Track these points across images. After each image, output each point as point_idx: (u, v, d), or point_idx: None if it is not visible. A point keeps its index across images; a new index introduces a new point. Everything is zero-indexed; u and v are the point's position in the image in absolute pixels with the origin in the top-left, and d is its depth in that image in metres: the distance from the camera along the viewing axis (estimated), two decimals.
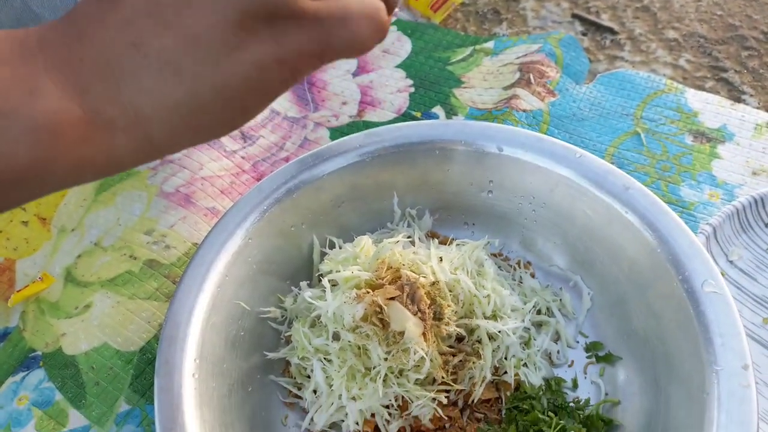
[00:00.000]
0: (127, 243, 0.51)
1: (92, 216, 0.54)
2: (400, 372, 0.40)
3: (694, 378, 0.36)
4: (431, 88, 0.63)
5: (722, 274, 0.47)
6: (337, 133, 0.60)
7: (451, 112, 0.61)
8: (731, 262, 0.47)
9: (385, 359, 0.39)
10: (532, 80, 0.61)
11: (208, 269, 0.42)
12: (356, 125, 0.60)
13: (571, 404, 0.41)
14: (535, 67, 0.62)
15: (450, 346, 0.42)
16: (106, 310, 0.47)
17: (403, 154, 0.48)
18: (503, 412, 0.42)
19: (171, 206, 0.54)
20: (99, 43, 0.26)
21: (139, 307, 0.48)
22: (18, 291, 0.48)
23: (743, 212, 0.48)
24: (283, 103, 0.63)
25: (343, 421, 0.41)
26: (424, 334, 0.39)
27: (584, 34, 0.70)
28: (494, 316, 0.43)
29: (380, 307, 0.39)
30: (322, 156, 0.48)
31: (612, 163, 0.55)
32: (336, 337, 0.41)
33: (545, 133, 0.58)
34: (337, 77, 0.65)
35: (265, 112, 0.62)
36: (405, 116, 0.61)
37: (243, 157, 0.58)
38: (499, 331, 0.42)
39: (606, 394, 0.42)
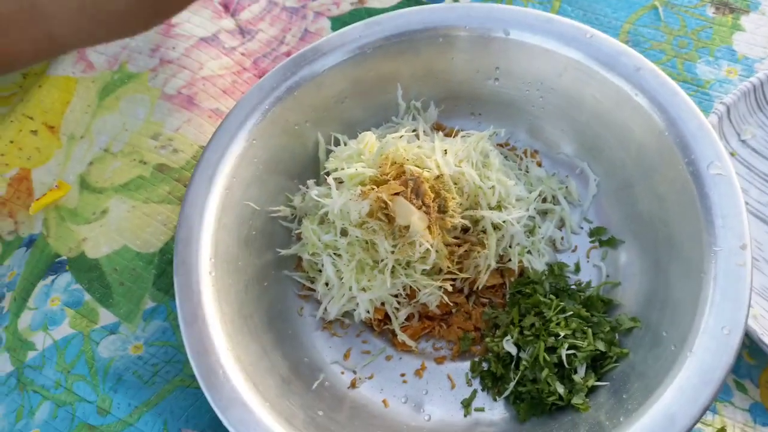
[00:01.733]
0: (135, 148, 0.52)
1: (99, 122, 0.54)
2: (407, 263, 0.42)
3: (693, 258, 0.37)
4: None
5: (733, 154, 0.46)
6: (338, 22, 0.57)
7: None
8: (743, 141, 0.46)
9: (392, 252, 0.40)
10: None
11: (215, 172, 0.43)
12: (358, 13, 0.57)
13: (573, 287, 0.43)
14: None
15: (455, 237, 0.43)
16: (123, 214, 0.49)
17: (406, 43, 0.46)
18: (507, 296, 0.43)
19: (174, 109, 0.53)
20: None
21: (153, 210, 0.49)
22: (37, 199, 0.50)
23: (761, 88, 0.46)
24: None
25: (354, 310, 0.43)
26: (429, 227, 0.40)
27: None
28: (499, 207, 0.43)
29: (385, 202, 0.40)
30: (321, 50, 0.46)
31: (628, 41, 0.53)
32: (344, 233, 0.42)
33: (557, 12, 0.55)
34: None
35: (262, 4, 0.60)
36: (409, 1, 0.58)
37: (243, 54, 0.57)
38: (504, 221, 0.42)
39: (607, 276, 0.43)
